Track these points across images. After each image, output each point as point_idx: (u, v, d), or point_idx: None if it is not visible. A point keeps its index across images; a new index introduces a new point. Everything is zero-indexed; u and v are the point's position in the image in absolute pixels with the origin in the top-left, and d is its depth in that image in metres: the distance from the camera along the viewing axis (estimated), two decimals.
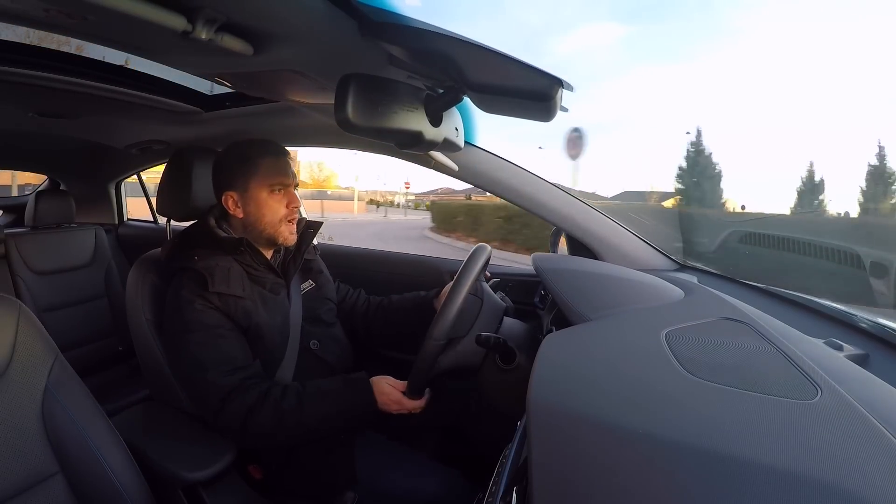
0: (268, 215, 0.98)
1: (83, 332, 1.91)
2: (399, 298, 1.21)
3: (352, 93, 0.64)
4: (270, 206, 0.97)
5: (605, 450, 0.37)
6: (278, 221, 0.98)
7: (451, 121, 0.86)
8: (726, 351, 0.53)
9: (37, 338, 0.75)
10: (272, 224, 0.98)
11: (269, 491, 0.95)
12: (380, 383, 0.90)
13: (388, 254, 1.65)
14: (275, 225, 0.98)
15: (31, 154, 1.97)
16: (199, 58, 0.73)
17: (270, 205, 0.97)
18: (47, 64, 1.00)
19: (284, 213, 0.98)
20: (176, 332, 0.91)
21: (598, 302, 0.70)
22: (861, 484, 0.33)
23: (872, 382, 0.49)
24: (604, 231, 1.15)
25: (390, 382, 0.90)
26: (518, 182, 1.18)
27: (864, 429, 0.39)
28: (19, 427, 0.70)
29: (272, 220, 0.98)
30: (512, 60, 0.62)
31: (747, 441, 0.37)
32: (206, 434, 0.93)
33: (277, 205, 0.98)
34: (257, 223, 0.98)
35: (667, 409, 0.42)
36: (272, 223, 0.98)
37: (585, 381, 0.49)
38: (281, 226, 0.99)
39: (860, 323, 0.77)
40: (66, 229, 2.01)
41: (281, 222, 0.98)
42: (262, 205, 0.97)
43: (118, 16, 0.54)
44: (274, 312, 0.96)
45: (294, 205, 0.99)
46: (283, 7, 0.59)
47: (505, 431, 0.67)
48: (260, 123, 1.38)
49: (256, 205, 0.97)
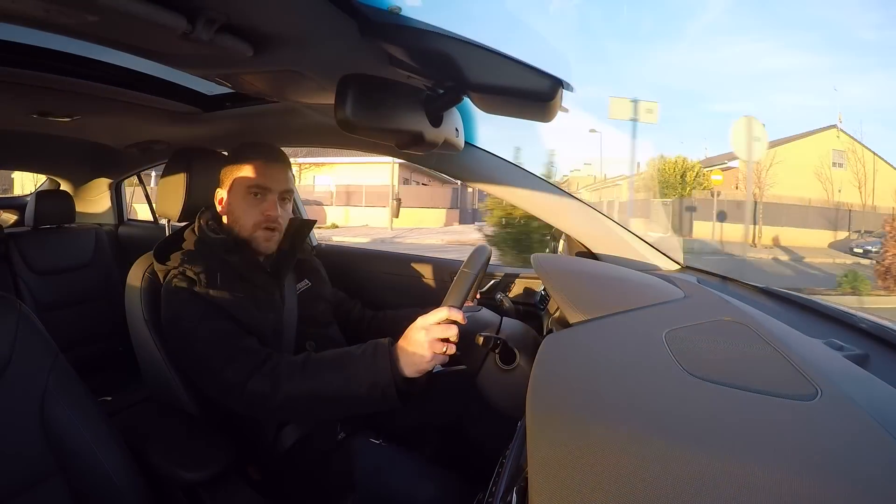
0: (242, 218, 0.97)
1: (83, 331, 1.91)
2: (394, 313, 1.20)
3: (352, 93, 0.64)
4: (245, 209, 0.96)
5: (605, 450, 0.37)
6: (252, 226, 0.96)
7: (452, 121, 0.86)
8: (726, 351, 0.53)
9: (37, 337, 0.75)
10: (246, 228, 0.97)
11: (269, 492, 0.95)
12: (411, 327, 0.80)
13: (389, 254, 1.65)
14: (248, 229, 0.97)
15: (31, 154, 1.97)
16: (199, 58, 0.73)
17: (245, 207, 0.96)
18: (47, 64, 1.00)
19: (259, 220, 0.96)
20: (176, 334, 0.91)
21: (599, 302, 0.70)
22: (861, 484, 0.33)
23: (872, 383, 0.49)
24: (604, 232, 1.15)
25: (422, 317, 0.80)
26: (518, 182, 1.18)
27: (864, 429, 0.39)
28: (19, 427, 0.70)
29: (246, 224, 0.97)
30: (512, 61, 0.62)
31: (747, 441, 0.37)
32: (207, 434, 0.93)
33: (252, 209, 0.96)
34: (234, 223, 0.98)
35: (667, 409, 0.42)
36: (246, 227, 0.97)
37: (585, 382, 0.49)
38: (255, 231, 0.97)
39: (860, 323, 0.77)
40: (66, 229, 2.01)
41: (255, 228, 0.97)
42: (239, 206, 0.97)
43: (119, 16, 0.54)
44: (266, 312, 0.96)
45: (269, 212, 0.96)
46: (283, 8, 0.59)
47: (505, 432, 0.67)
48: (260, 124, 1.38)
49: (236, 206, 0.97)
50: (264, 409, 0.84)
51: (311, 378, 0.82)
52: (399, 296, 1.47)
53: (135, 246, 2.11)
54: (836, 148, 16.41)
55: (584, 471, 0.35)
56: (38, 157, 2.01)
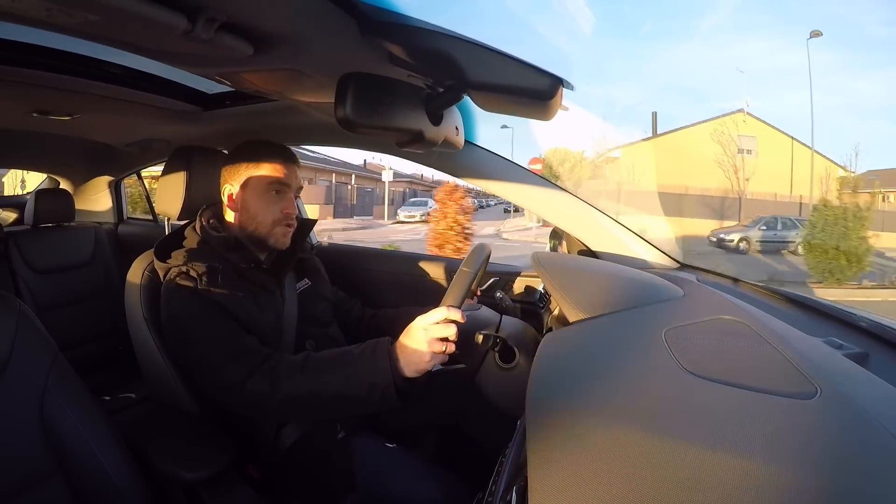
0: (261, 215, 0.98)
1: (83, 331, 1.90)
2: (395, 311, 1.20)
3: (352, 91, 0.64)
4: (264, 206, 0.98)
5: (604, 448, 0.37)
6: (271, 223, 0.99)
7: (452, 119, 0.86)
8: (725, 349, 0.54)
9: (36, 337, 0.75)
10: (265, 224, 0.99)
11: (269, 491, 0.95)
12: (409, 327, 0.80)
13: (390, 253, 1.66)
14: (267, 226, 0.99)
15: (31, 153, 1.97)
16: (199, 57, 0.73)
17: (264, 205, 0.98)
18: (47, 62, 0.99)
19: (278, 217, 0.99)
20: (176, 333, 0.91)
21: (598, 301, 0.70)
22: (860, 482, 0.33)
23: (872, 381, 0.49)
24: (603, 230, 1.15)
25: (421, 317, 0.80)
26: (518, 181, 1.18)
27: (864, 428, 0.39)
28: (18, 426, 0.70)
29: (265, 221, 0.98)
30: (512, 59, 0.62)
31: (747, 440, 0.37)
32: (206, 434, 0.93)
33: (272, 206, 0.98)
34: (250, 221, 0.99)
35: (666, 407, 0.42)
36: (265, 223, 0.99)
37: (584, 380, 0.49)
38: (274, 228, 0.99)
39: (860, 322, 0.77)
40: (65, 228, 2.01)
41: (274, 224, 0.99)
42: (257, 203, 0.98)
43: (119, 15, 0.54)
44: (266, 311, 0.96)
45: (288, 210, 1.00)
46: (283, 6, 0.59)
47: (505, 431, 0.67)
48: (260, 122, 1.38)
49: (252, 203, 0.98)
50: (263, 408, 0.84)
51: (311, 378, 0.82)
52: (399, 294, 1.48)
53: (134, 244, 2.11)
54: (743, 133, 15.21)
55: (583, 469, 0.35)
56: (38, 155, 2.01)
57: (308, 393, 0.81)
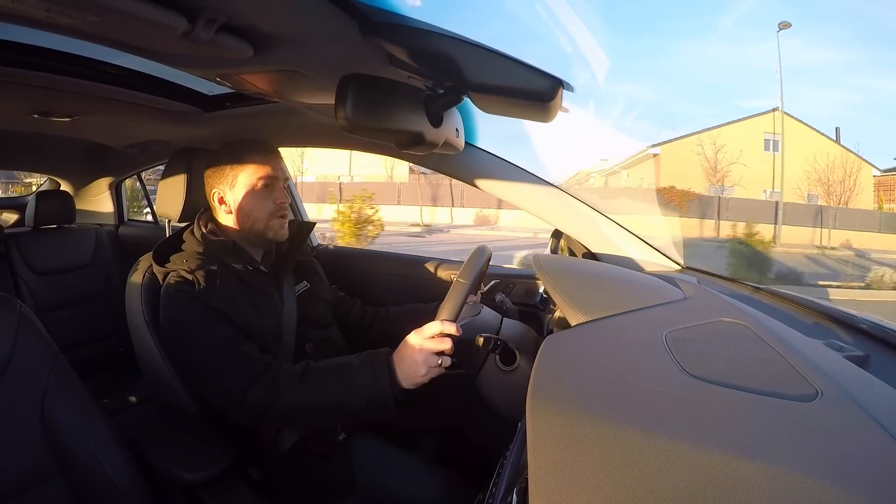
0: (255, 211, 0.99)
1: (83, 332, 1.90)
2: (397, 309, 1.21)
3: (352, 93, 0.64)
4: (257, 202, 0.99)
5: (605, 451, 0.37)
6: (267, 216, 1.00)
7: (452, 121, 0.86)
8: (726, 352, 0.53)
9: (37, 338, 0.75)
10: (261, 219, 1.00)
11: (269, 492, 0.95)
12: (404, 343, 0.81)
13: (389, 254, 1.65)
14: (264, 220, 1.00)
15: (31, 154, 1.97)
16: (199, 58, 0.73)
17: (257, 201, 0.99)
18: (47, 64, 0.99)
19: (273, 209, 1.00)
20: (175, 338, 0.91)
21: (599, 303, 0.70)
22: (861, 485, 0.33)
23: (872, 383, 0.49)
24: (604, 232, 1.15)
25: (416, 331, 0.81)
26: (518, 182, 1.18)
27: (865, 430, 0.39)
28: (19, 427, 0.70)
29: (260, 216, 0.99)
30: (512, 61, 0.62)
31: (747, 442, 0.37)
32: (207, 434, 0.93)
33: (265, 200, 0.99)
34: (247, 219, 0.99)
35: (666, 410, 0.42)
36: (261, 218, 1.00)
37: (585, 383, 0.49)
38: (270, 220, 1.00)
39: (860, 323, 0.77)
40: (66, 229, 2.01)
41: (270, 217, 1.00)
42: (250, 201, 0.99)
43: (119, 16, 0.54)
44: (265, 314, 0.96)
45: (280, 199, 1.01)
46: (283, 7, 0.59)
47: (505, 433, 0.67)
48: (260, 123, 1.38)
49: (246, 201, 0.99)
50: (263, 418, 0.86)
51: (311, 389, 0.83)
52: (399, 295, 1.47)
53: (135, 246, 2.11)
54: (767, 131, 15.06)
55: (584, 472, 0.35)
56: (39, 157, 2.01)
57: (308, 404, 0.83)
